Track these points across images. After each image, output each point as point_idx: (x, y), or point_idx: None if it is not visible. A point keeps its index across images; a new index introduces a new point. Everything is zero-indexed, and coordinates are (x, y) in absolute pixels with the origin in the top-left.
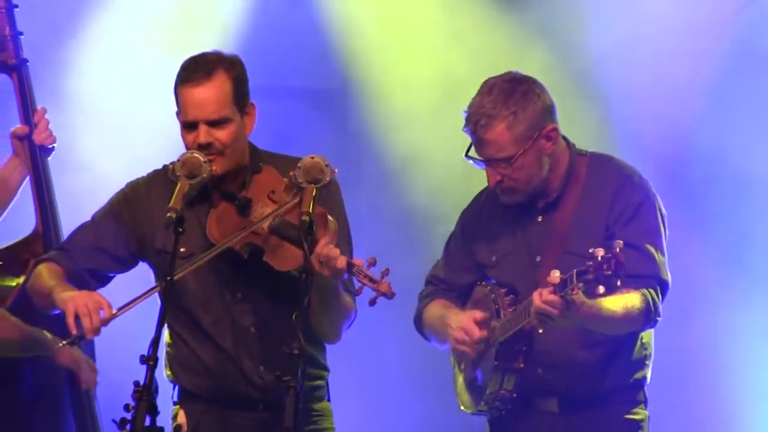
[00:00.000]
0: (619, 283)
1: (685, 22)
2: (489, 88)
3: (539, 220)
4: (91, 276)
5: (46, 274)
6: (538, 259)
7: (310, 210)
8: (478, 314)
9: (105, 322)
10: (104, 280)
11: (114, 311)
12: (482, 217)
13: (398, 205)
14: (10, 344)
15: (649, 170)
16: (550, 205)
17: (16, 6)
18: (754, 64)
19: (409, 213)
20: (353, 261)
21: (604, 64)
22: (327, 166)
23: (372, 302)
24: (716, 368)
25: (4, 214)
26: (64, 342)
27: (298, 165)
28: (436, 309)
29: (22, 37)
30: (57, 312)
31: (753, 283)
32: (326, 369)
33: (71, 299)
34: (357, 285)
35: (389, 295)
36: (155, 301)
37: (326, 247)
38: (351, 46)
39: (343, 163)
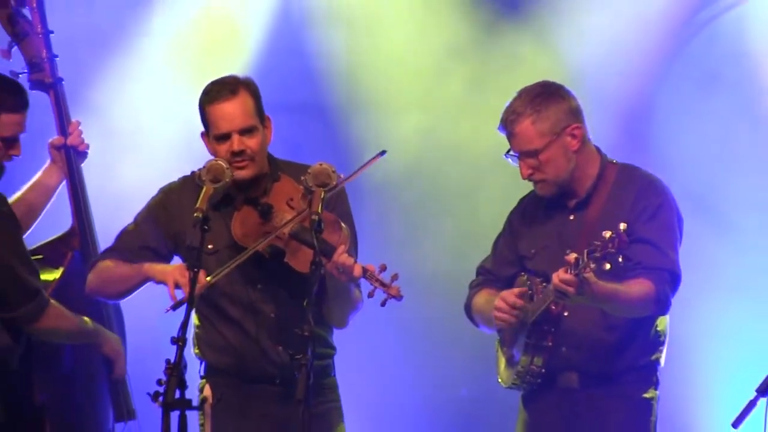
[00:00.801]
0: (621, 259)
1: (646, 45)
2: (520, 93)
3: (571, 218)
4: None
5: (114, 265)
6: (569, 252)
7: (319, 210)
8: (516, 290)
9: (205, 287)
10: None
11: (208, 279)
12: (525, 217)
13: (396, 204)
14: (61, 333)
15: None
16: (581, 205)
17: (52, 32)
18: (706, 82)
19: (406, 211)
20: (367, 267)
21: (577, 83)
22: (334, 172)
23: (383, 304)
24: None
25: (42, 214)
26: (168, 308)
27: (309, 171)
28: (483, 296)
29: (57, 58)
30: (117, 301)
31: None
32: (333, 348)
33: (170, 272)
34: (369, 288)
35: (398, 298)
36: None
37: (342, 256)
38: (351, 69)
39: (344, 169)
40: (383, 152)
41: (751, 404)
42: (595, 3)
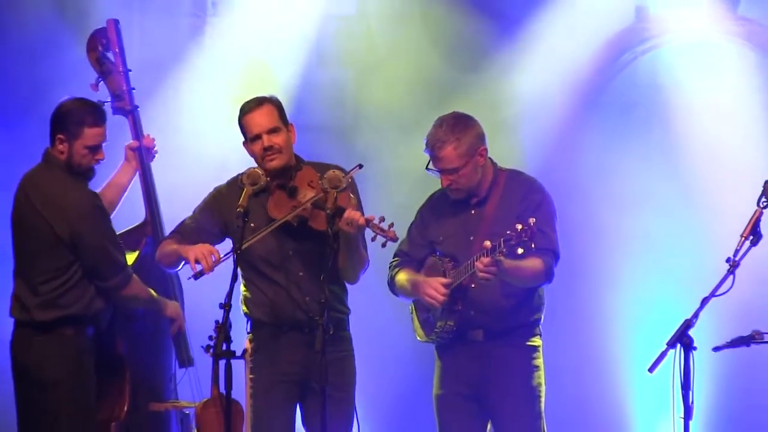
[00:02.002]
0: (533, 245)
1: (581, 81)
2: (440, 122)
3: (473, 212)
4: None
5: (169, 244)
6: (472, 238)
7: (332, 208)
8: (443, 280)
9: (216, 263)
10: None
11: (221, 256)
12: (434, 210)
13: (392, 200)
14: (139, 300)
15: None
16: (480, 202)
17: (130, 70)
18: (626, 109)
19: (399, 206)
20: (368, 217)
21: (526, 112)
22: (343, 176)
23: (383, 245)
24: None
25: (118, 207)
26: (190, 276)
27: (324, 176)
28: (403, 275)
29: (134, 90)
30: (174, 270)
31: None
32: (348, 308)
33: (191, 249)
34: (371, 235)
35: (395, 239)
36: (228, 269)
37: (350, 212)
38: (356, 98)
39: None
40: (360, 165)
41: (663, 354)
42: (541, 51)
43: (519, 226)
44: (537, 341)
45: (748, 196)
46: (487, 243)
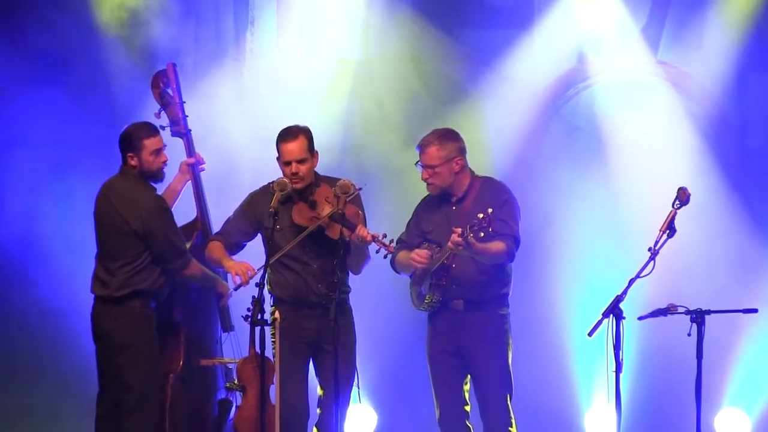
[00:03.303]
0: (491, 230)
1: (537, 110)
2: (434, 131)
3: (454, 209)
4: (236, 245)
5: (216, 247)
6: (453, 228)
7: (343, 208)
8: (424, 251)
9: (252, 277)
10: (242, 247)
11: (254, 271)
12: (425, 208)
13: (384, 207)
14: (196, 278)
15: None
16: (459, 201)
17: (185, 102)
18: (571, 131)
19: (397, 207)
20: (374, 234)
21: (487, 138)
22: (352, 185)
23: (385, 257)
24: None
25: (174, 206)
26: (233, 290)
27: (337, 183)
28: (402, 255)
29: (188, 117)
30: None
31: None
32: (349, 288)
33: (232, 266)
34: (376, 248)
35: (393, 252)
36: (263, 258)
37: (360, 230)
38: (362, 123)
39: (356, 181)
40: (361, 188)
41: (599, 322)
42: (505, 86)
43: (480, 216)
44: (506, 310)
45: (665, 200)
46: (458, 229)
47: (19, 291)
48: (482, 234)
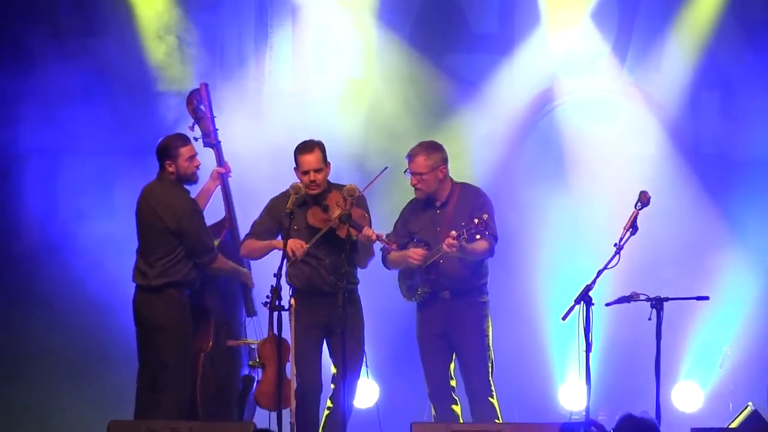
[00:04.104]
0: (487, 233)
1: (515, 127)
2: (421, 143)
3: (438, 212)
4: None
5: (253, 242)
6: (438, 229)
7: (349, 209)
8: (420, 250)
9: (305, 251)
10: None
11: (306, 246)
12: (412, 211)
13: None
14: (223, 270)
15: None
16: (443, 205)
17: (215, 116)
18: (546, 144)
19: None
20: (378, 234)
21: (470, 148)
22: (356, 188)
23: (387, 252)
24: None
25: (205, 208)
26: (285, 259)
27: (344, 187)
28: (394, 253)
29: (218, 130)
30: (255, 260)
31: None
32: (357, 280)
33: (289, 243)
34: (380, 246)
35: (393, 248)
36: (279, 255)
37: (366, 231)
38: (367, 135)
39: (362, 186)
40: (386, 168)
41: (571, 308)
42: (488, 103)
43: (476, 221)
44: (485, 298)
45: (629, 202)
46: (453, 232)
47: (69, 284)
48: (478, 236)
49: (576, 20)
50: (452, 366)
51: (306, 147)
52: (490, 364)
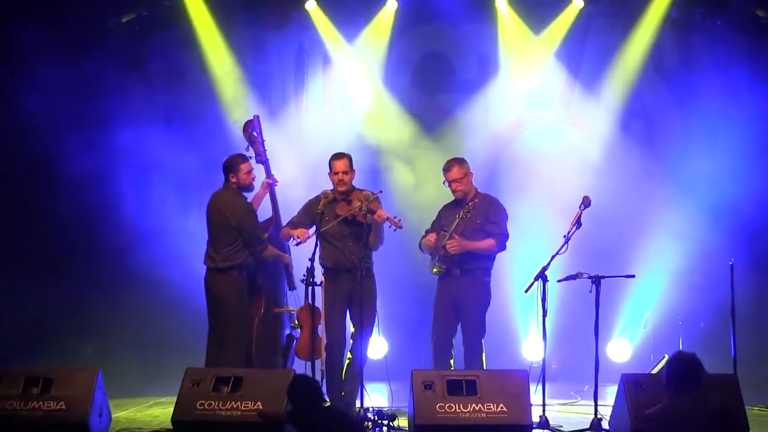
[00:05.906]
0: (496, 232)
1: (498, 146)
2: (452, 158)
3: (461, 213)
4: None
5: (287, 229)
6: (457, 224)
7: (366, 209)
8: (454, 241)
9: (307, 238)
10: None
11: (309, 235)
12: (445, 210)
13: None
14: (270, 256)
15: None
16: (468, 207)
17: (264, 140)
18: (526, 161)
19: (410, 210)
20: (388, 215)
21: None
22: (372, 193)
23: (395, 230)
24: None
25: (259, 208)
26: (294, 243)
27: (362, 194)
28: (427, 240)
29: (267, 150)
30: (287, 242)
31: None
32: (372, 261)
33: (294, 232)
34: (388, 225)
35: (400, 227)
36: (313, 242)
37: (379, 212)
38: (379, 146)
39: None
40: (380, 191)
41: (531, 284)
42: (471, 127)
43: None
44: (488, 278)
45: (575, 204)
46: (451, 241)
47: (156, 268)
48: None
49: (536, 67)
50: (454, 335)
51: (338, 155)
52: (483, 332)
